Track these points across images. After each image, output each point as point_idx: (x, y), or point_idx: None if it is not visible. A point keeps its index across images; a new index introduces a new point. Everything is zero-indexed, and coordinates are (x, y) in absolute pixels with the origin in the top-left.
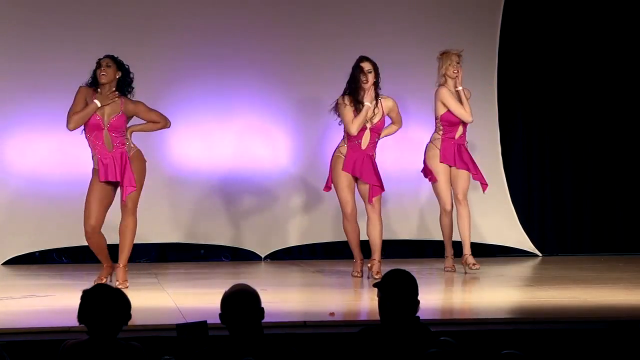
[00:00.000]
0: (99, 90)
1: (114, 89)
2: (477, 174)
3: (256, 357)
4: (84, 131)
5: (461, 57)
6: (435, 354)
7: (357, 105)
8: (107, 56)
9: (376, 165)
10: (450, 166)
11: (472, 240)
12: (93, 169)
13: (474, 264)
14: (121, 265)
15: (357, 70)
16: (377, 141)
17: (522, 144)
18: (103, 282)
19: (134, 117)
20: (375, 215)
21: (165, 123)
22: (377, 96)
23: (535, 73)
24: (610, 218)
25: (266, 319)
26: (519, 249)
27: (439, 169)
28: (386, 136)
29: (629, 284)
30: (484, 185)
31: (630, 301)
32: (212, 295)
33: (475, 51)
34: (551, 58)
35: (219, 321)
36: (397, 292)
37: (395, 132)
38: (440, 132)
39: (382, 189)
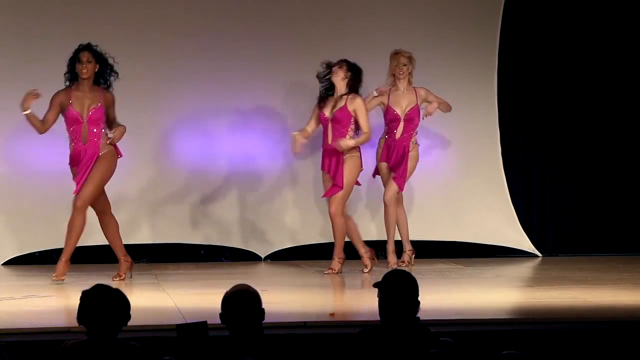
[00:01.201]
0: (75, 83)
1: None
2: (398, 177)
3: (256, 358)
4: (65, 124)
5: (412, 60)
6: (435, 354)
7: None
8: (86, 49)
9: (342, 162)
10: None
11: (472, 241)
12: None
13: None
14: (63, 260)
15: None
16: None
17: (522, 144)
18: (122, 278)
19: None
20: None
21: (122, 129)
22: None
23: (535, 73)
24: (609, 218)
25: (266, 320)
26: (518, 250)
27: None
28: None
29: (628, 285)
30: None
31: (630, 302)
32: (212, 295)
33: (475, 52)
34: (551, 58)
35: (219, 321)
36: (398, 292)
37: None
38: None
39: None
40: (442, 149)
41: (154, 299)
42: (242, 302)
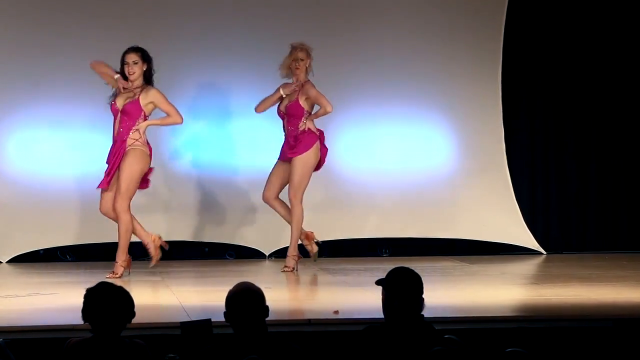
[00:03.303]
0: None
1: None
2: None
3: (260, 355)
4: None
5: (305, 53)
6: (440, 352)
7: None
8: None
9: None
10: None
11: (476, 238)
12: None
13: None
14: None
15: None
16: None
17: (526, 142)
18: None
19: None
20: None
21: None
22: None
23: (539, 71)
24: (614, 215)
25: (270, 317)
26: (522, 247)
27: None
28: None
29: (633, 282)
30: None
31: (634, 299)
32: (217, 293)
33: (479, 49)
34: (555, 55)
35: (223, 319)
36: (402, 290)
37: None
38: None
39: None
40: (446, 147)
41: (158, 297)
42: (246, 299)
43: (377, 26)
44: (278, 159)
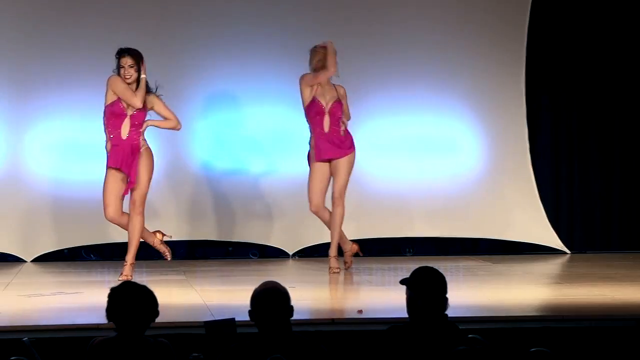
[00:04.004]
0: None
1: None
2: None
3: (285, 355)
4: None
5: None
6: (464, 351)
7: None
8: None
9: None
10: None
11: (500, 238)
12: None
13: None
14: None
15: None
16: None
17: (550, 140)
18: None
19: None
20: None
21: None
22: None
23: (563, 69)
24: (638, 215)
25: (295, 317)
26: (546, 247)
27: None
28: None
29: None
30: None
31: None
32: (241, 292)
33: (503, 48)
34: (579, 54)
35: (247, 318)
36: (427, 289)
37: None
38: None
39: None
40: (470, 146)
41: (182, 296)
42: (271, 299)
43: (402, 23)
44: (313, 161)
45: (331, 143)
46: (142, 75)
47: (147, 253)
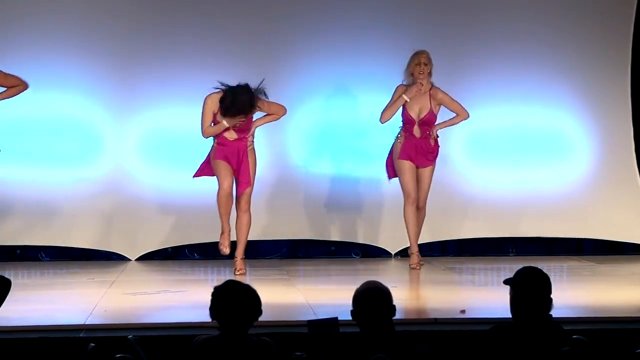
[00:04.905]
0: None
1: None
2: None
3: (387, 354)
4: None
5: (427, 58)
6: (568, 352)
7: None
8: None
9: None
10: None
11: (605, 238)
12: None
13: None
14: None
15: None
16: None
17: None
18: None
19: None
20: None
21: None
22: None
23: None
24: None
25: (397, 316)
26: None
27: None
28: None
29: None
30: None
31: None
32: (343, 291)
33: (608, 47)
34: None
35: (350, 318)
36: (531, 289)
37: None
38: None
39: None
40: (575, 145)
41: (285, 295)
42: (373, 299)
43: (504, 21)
44: (405, 159)
45: (419, 149)
46: (225, 124)
47: (250, 252)
